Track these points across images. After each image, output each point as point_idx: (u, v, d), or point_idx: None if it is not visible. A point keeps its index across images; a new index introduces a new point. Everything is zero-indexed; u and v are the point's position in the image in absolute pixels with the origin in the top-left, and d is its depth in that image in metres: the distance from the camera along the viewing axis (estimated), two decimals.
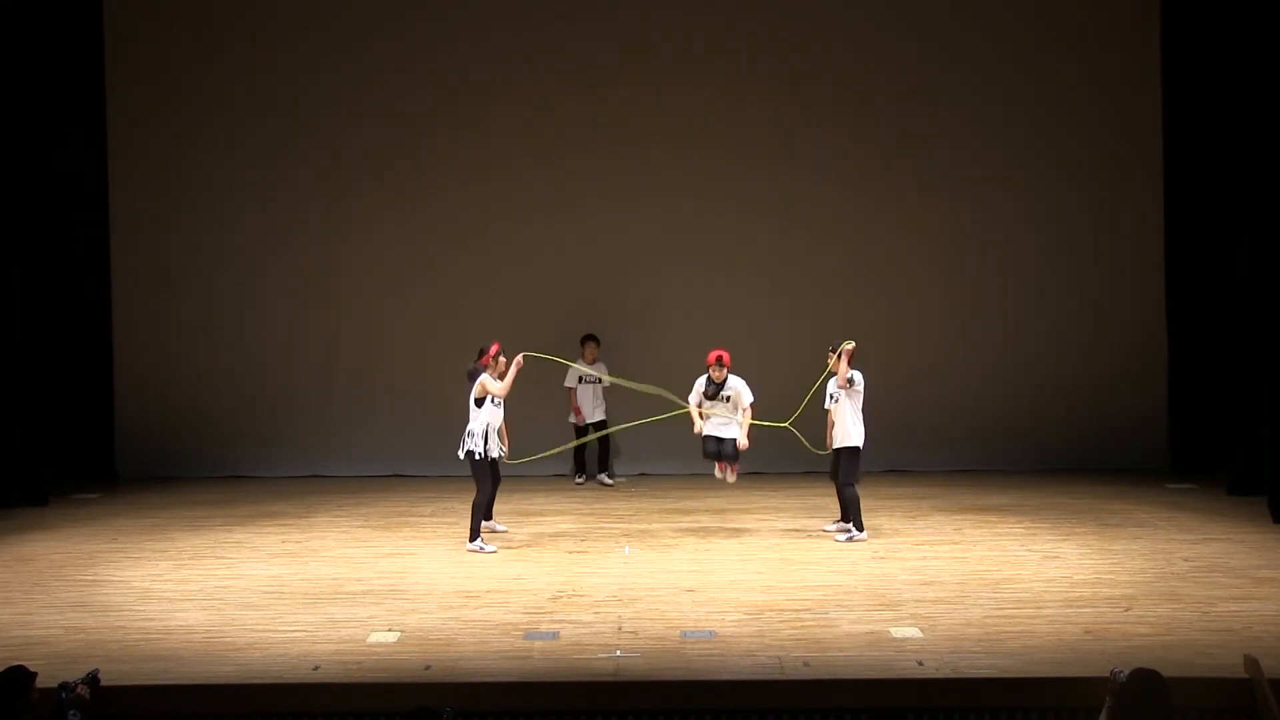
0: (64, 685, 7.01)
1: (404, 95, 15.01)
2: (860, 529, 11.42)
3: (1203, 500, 12.88)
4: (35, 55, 13.93)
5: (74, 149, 14.83)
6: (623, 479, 14.46)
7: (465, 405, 11.38)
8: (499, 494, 11.83)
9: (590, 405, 14.20)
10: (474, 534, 11.26)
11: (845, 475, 11.44)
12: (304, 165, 15.03)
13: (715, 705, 7.69)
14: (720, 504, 12.99)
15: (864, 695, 7.66)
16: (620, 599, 9.52)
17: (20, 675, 6.82)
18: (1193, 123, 14.44)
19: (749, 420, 11.73)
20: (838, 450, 11.51)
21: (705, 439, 11.84)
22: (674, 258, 14.98)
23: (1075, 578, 9.99)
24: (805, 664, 8.00)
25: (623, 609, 9.25)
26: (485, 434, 11.27)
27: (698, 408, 11.78)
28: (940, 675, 7.78)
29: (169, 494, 13.84)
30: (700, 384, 11.80)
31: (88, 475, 14.54)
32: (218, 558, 11.00)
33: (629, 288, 14.97)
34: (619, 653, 8.27)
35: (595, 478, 14.30)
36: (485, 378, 11.29)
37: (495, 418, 11.37)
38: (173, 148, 14.98)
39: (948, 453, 14.86)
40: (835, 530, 11.61)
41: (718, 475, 12.02)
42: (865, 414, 11.52)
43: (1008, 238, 15.00)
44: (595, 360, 14.02)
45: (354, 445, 15.00)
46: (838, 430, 11.52)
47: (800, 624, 8.83)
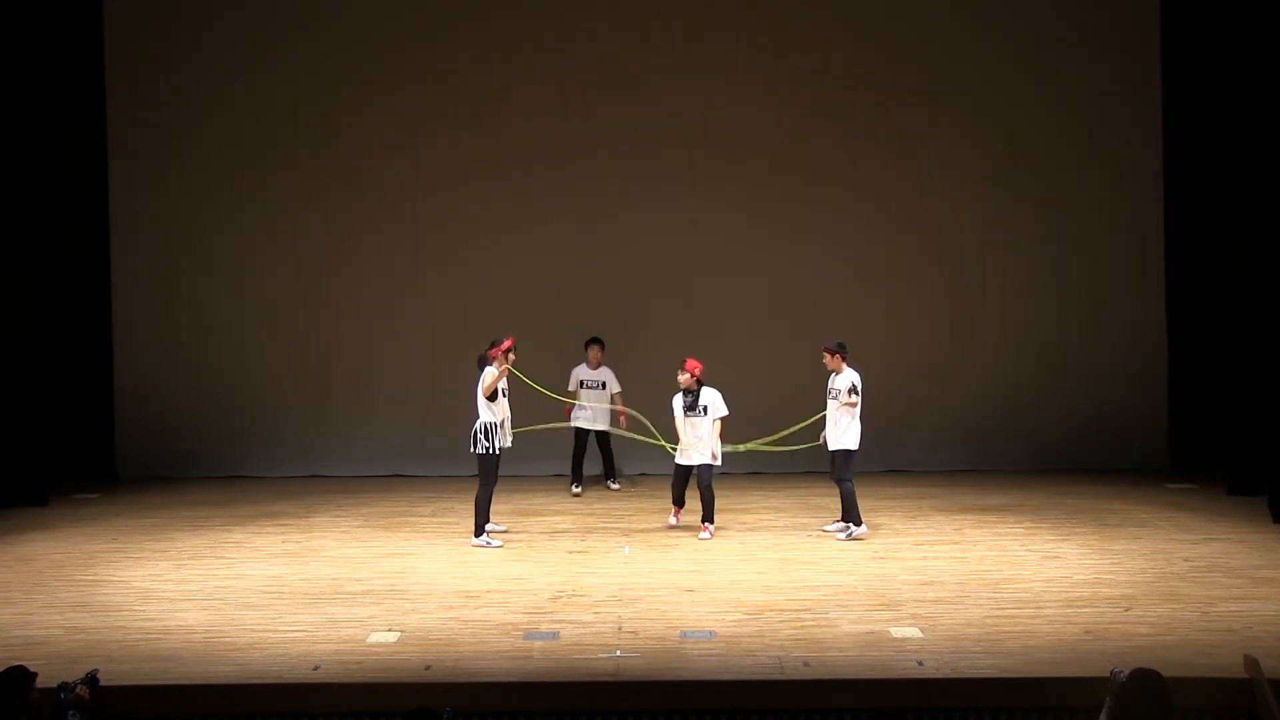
0: (63, 685, 7.01)
1: (404, 96, 15.00)
2: (858, 523, 11.43)
3: (1203, 500, 12.88)
4: (35, 55, 13.93)
5: (74, 149, 14.84)
6: (622, 478, 14.45)
7: (472, 398, 11.38)
8: (497, 494, 11.83)
9: (590, 412, 13.58)
10: (479, 529, 11.30)
11: (839, 472, 11.50)
12: (304, 166, 15.03)
13: (715, 705, 7.69)
14: (720, 504, 12.97)
15: (864, 695, 7.66)
16: (620, 599, 9.52)
17: (20, 675, 6.82)
18: (1193, 123, 14.44)
19: (718, 431, 11.69)
20: (833, 451, 11.53)
21: (676, 468, 11.81)
22: (675, 259, 14.97)
23: (1075, 578, 9.99)
24: (805, 664, 8.00)
25: (623, 609, 9.25)
26: (495, 429, 11.30)
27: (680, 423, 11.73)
28: (940, 675, 7.78)
29: (169, 494, 13.84)
30: (678, 402, 11.72)
31: (88, 475, 14.54)
32: (218, 558, 11.00)
33: (630, 289, 14.96)
34: (619, 653, 8.27)
35: (605, 484, 13.98)
36: (488, 371, 11.33)
37: (503, 410, 11.42)
38: (173, 148, 14.99)
39: (948, 453, 14.86)
40: (836, 530, 11.62)
41: (701, 536, 11.60)
42: (864, 414, 11.53)
43: (1008, 238, 15.00)
44: (600, 364, 13.69)
45: (354, 445, 15.00)
46: (831, 431, 11.55)
47: (800, 624, 8.83)
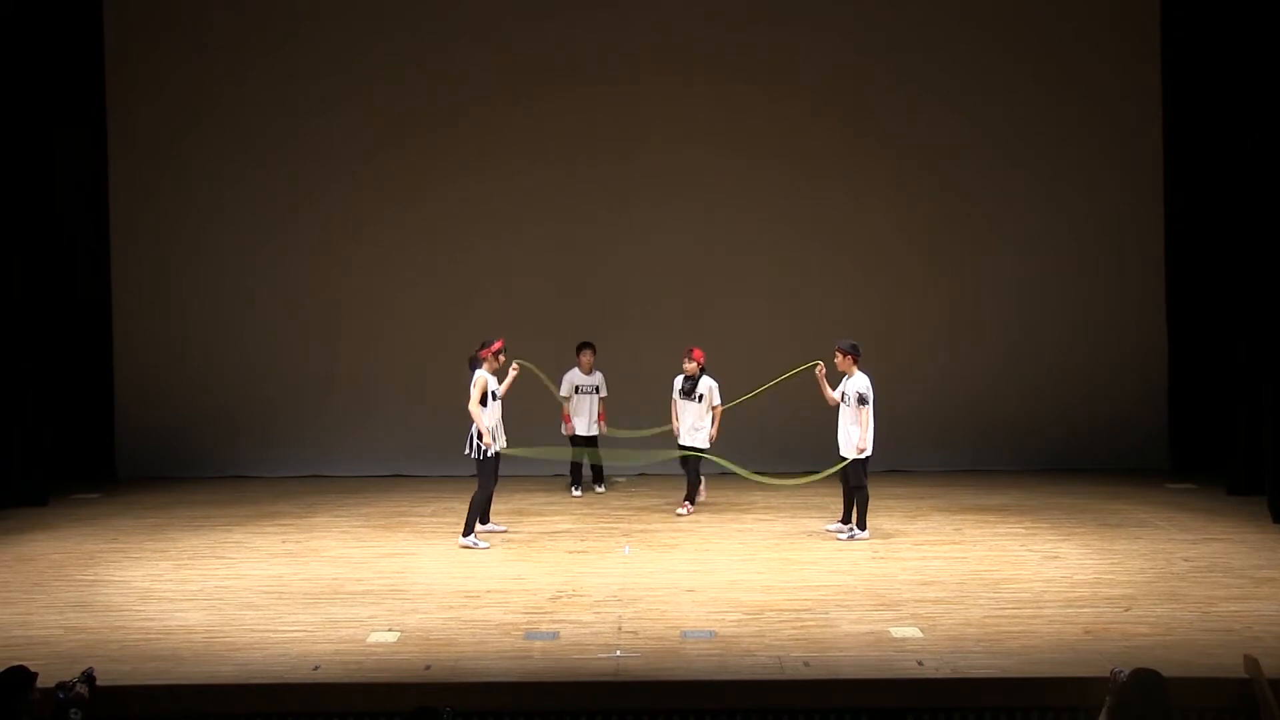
0: (62, 685, 7.00)
1: (405, 96, 15.00)
2: (863, 528, 11.45)
3: (1203, 500, 12.88)
4: (35, 55, 13.94)
5: (74, 150, 14.84)
6: (622, 479, 14.45)
7: (462, 396, 11.38)
8: (497, 494, 11.84)
9: (586, 417, 13.54)
10: (469, 529, 11.31)
11: (855, 479, 11.50)
12: (304, 166, 15.02)
13: (715, 705, 7.69)
14: (721, 504, 13.00)
15: (864, 695, 7.67)
16: (620, 599, 9.52)
17: (21, 675, 6.81)
18: (1193, 123, 14.44)
19: (717, 417, 12.65)
20: (845, 458, 11.56)
21: (681, 450, 12.61)
22: (675, 261, 14.97)
23: (1075, 578, 9.99)
24: (805, 664, 8.00)
25: (623, 609, 9.25)
26: (491, 432, 11.30)
27: (674, 405, 12.68)
28: (940, 675, 7.78)
29: (169, 494, 13.84)
30: (677, 381, 12.71)
31: (88, 475, 14.53)
32: (218, 558, 11.00)
33: (630, 291, 14.96)
34: (619, 653, 8.27)
35: (593, 488, 13.89)
36: (480, 375, 11.33)
37: (497, 414, 11.42)
38: (173, 148, 14.98)
39: (947, 453, 14.85)
40: (836, 530, 11.62)
41: (680, 512, 12.54)
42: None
43: (1008, 237, 14.99)
44: (592, 369, 13.62)
45: (354, 445, 15.00)
46: (842, 436, 11.58)
47: (800, 624, 8.83)
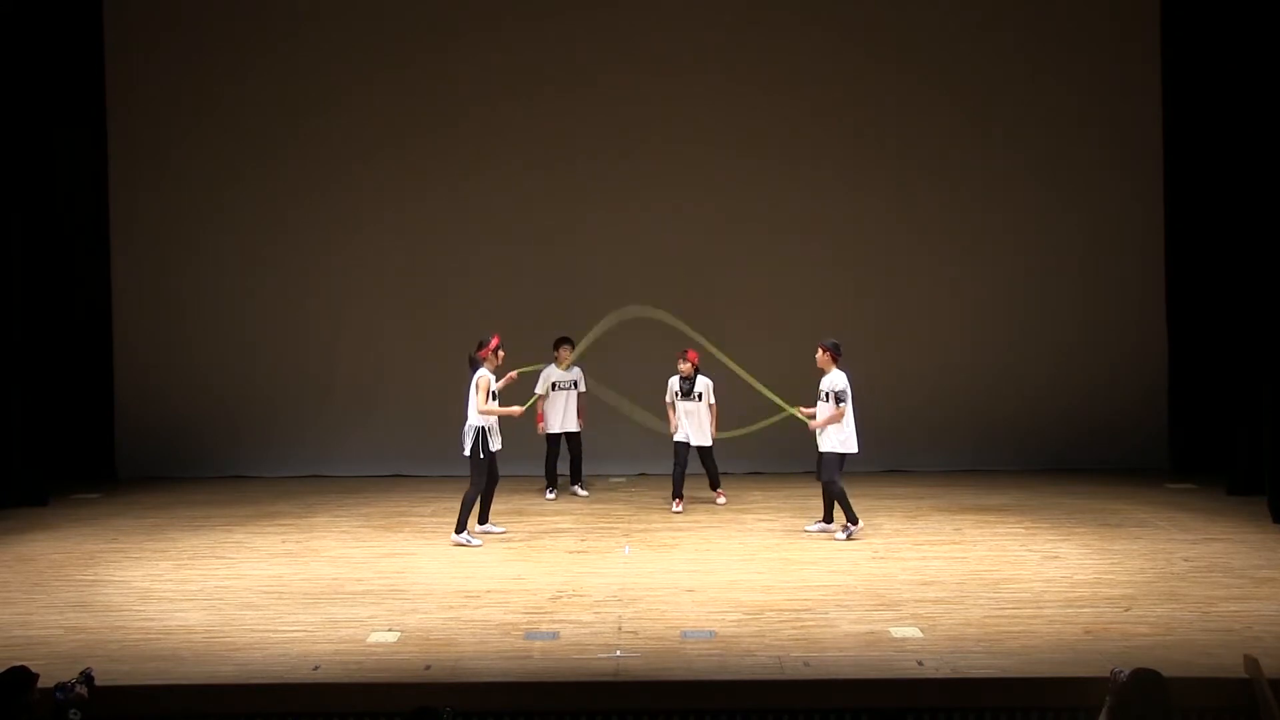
0: (61, 686, 7.00)
1: (405, 96, 15.01)
2: (854, 521, 11.42)
3: (1203, 500, 12.88)
4: (35, 55, 13.94)
5: (74, 149, 14.85)
6: (622, 479, 14.45)
7: (465, 396, 11.39)
8: (498, 494, 11.85)
9: (560, 414, 13.36)
10: (461, 526, 11.34)
11: (825, 474, 11.49)
12: (304, 166, 15.03)
13: (715, 705, 7.69)
14: (721, 504, 12.99)
15: (864, 695, 7.66)
16: (620, 599, 9.52)
17: (21, 676, 6.80)
18: (1193, 123, 14.44)
19: (714, 416, 12.87)
20: (821, 452, 11.54)
21: (677, 445, 12.79)
22: (675, 261, 14.97)
23: (1075, 578, 9.99)
24: (805, 664, 8.00)
25: (623, 609, 9.25)
26: (486, 430, 11.31)
27: (670, 407, 12.89)
28: (940, 675, 7.78)
29: (169, 494, 13.84)
30: (674, 383, 12.91)
31: (88, 475, 14.54)
32: (218, 558, 11.00)
33: (630, 291, 14.92)
34: (619, 653, 8.27)
35: (570, 489, 13.66)
36: (484, 375, 11.35)
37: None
38: (173, 148, 14.99)
39: (947, 453, 14.86)
40: (816, 530, 11.60)
41: (674, 509, 12.65)
42: (865, 414, 11.54)
43: (1008, 238, 15.00)
44: (569, 365, 13.40)
45: (354, 445, 15.00)
46: (821, 432, 11.54)
47: (800, 624, 8.83)
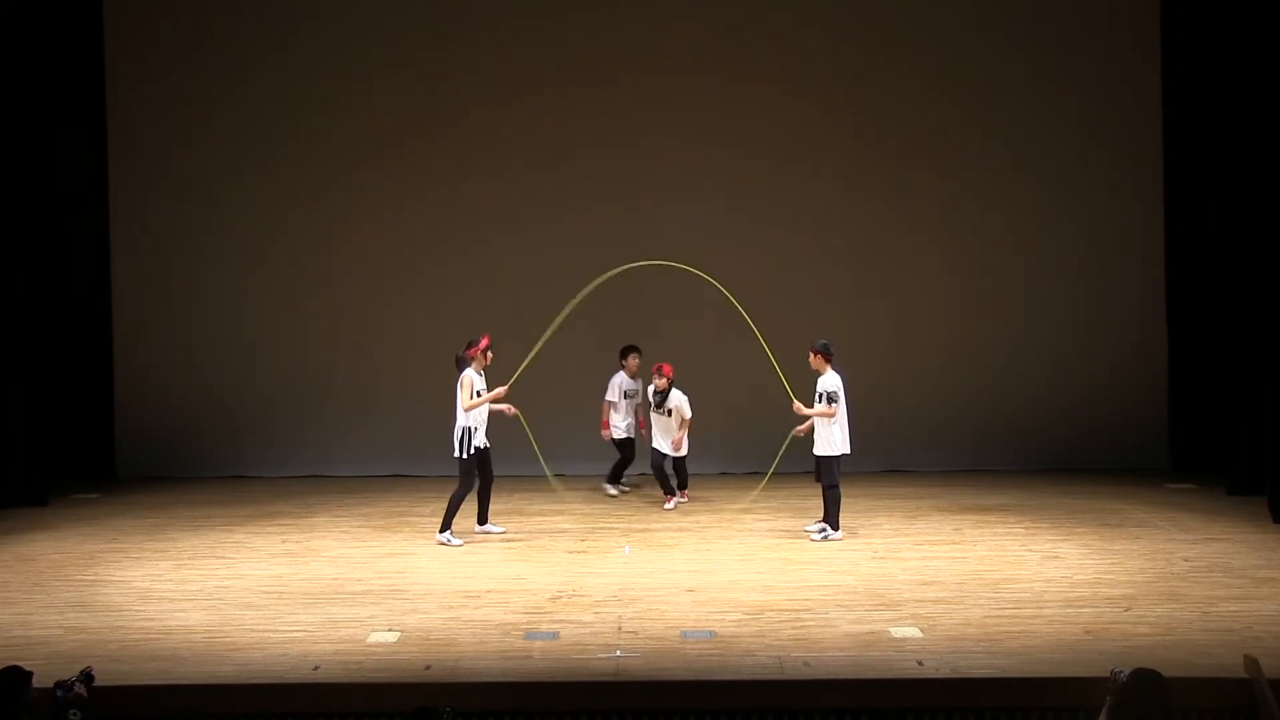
0: (60, 684, 6.99)
1: (405, 96, 15.00)
2: (835, 529, 11.44)
3: (1203, 500, 12.88)
4: (35, 56, 13.94)
5: (74, 149, 14.85)
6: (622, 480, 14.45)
7: (453, 396, 11.41)
8: (496, 494, 11.90)
9: (623, 419, 13.47)
10: (445, 525, 11.42)
11: (825, 477, 11.51)
12: (305, 166, 15.03)
13: (715, 705, 7.69)
14: (721, 504, 13.00)
15: (864, 695, 7.66)
16: (620, 599, 9.52)
17: (16, 676, 6.79)
18: (1193, 122, 14.43)
19: (687, 428, 12.95)
20: (816, 456, 11.57)
21: (652, 452, 13.05)
22: (676, 259, 14.93)
23: (1075, 578, 9.99)
24: (805, 664, 8.00)
25: (623, 609, 9.25)
26: (471, 430, 11.42)
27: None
28: (940, 675, 7.78)
29: (169, 494, 13.84)
30: (649, 392, 13.08)
31: (88, 475, 14.53)
32: (218, 558, 11.00)
33: (630, 292, 14.92)
34: (619, 653, 8.27)
35: (602, 485, 13.72)
36: (468, 374, 11.41)
37: (482, 415, 11.53)
38: (173, 148, 14.99)
39: (947, 453, 14.85)
40: (815, 530, 11.61)
41: (667, 507, 12.85)
42: (864, 414, 11.56)
43: (1008, 237, 14.99)
44: (637, 373, 13.45)
45: (354, 445, 15.00)
46: (816, 435, 11.56)
47: (800, 624, 8.83)
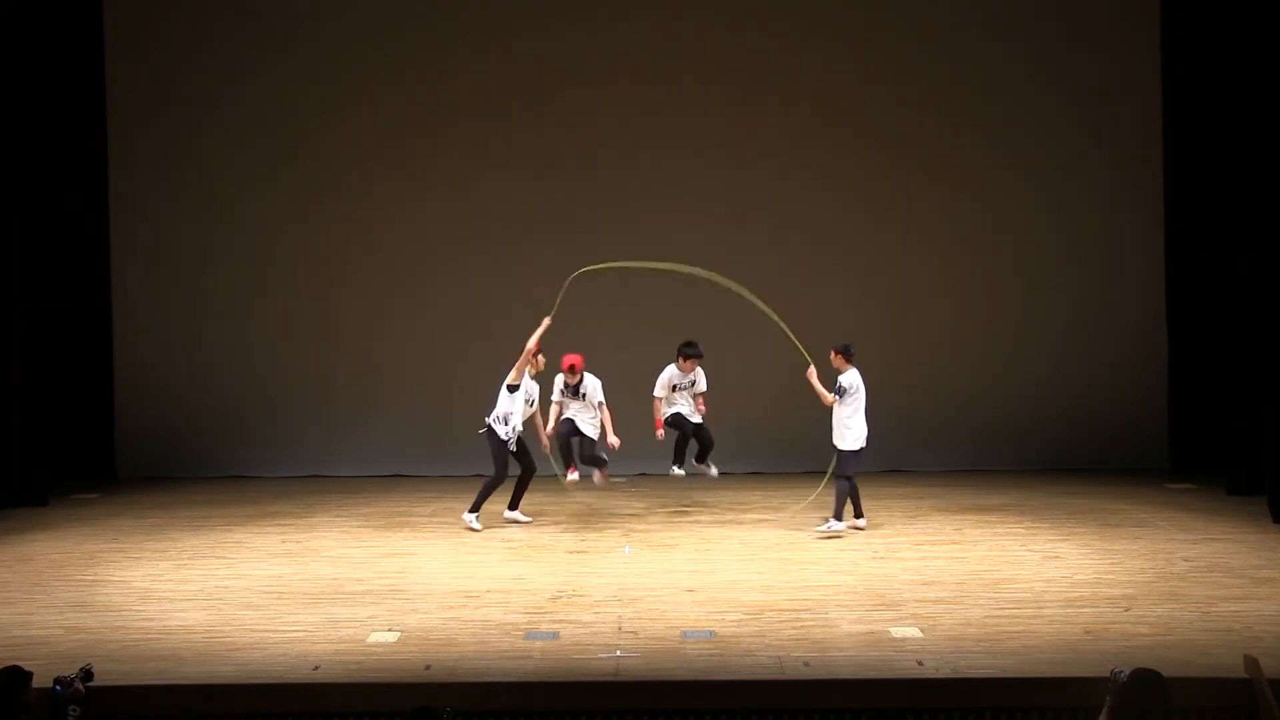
0: (59, 680, 6.99)
1: (407, 96, 15.00)
2: (839, 519, 11.47)
3: (1203, 500, 12.88)
4: (35, 56, 13.93)
5: (74, 149, 14.84)
6: (622, 479, 14.44)
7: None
8: (495, 493, 11.98)
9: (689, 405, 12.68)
10: (476, 507, 11.74)
11: (839, 469, 11.58)
12: (305, 166, 15.03)
13: (715, 705, 7.68)
14: (721, 504, 13.00)
15: (864, 695, 7.66)
16: (620, 599, 9.51)
17: (16, 675, 6.79)
18: (1193, 123, 14.44)
19: (608, 417, 12.47)
20: (838, 450, 11.61)
21: (563, 421, 12.49)
22: (674, 261, 14.94)
23: (1075, 578, 9.99)
24: (805, 664, 7.99)
25: (623, 609, 9.25)
26: (505, 418, 11.73)
27: (558, 404, 12.50)
28: (940, 675, 7.77)
29: (169, 494, 13.84)
30: (557, 382, 12.50)
31: (88, 475, 14.54)
32: (218, 558, 11.00)
33: (629, 294, 14.95)
34: (619, 653, 8.27)
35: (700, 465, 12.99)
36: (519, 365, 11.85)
37: (516, 406, 11.81)
38: (173, 148, 14.99)
39: (947, 453, 14.86)
40: (846, 528, 11.62)
41: (596, 481, 12.54)
42: (864, 413, 11.58)
43: (1008, 238, 15.00)
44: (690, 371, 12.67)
45: (354, 445, 15.00)
46: (834, 428, 11.60)
47: (800, 624, 8.83)
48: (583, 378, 12.42)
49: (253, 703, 7.66)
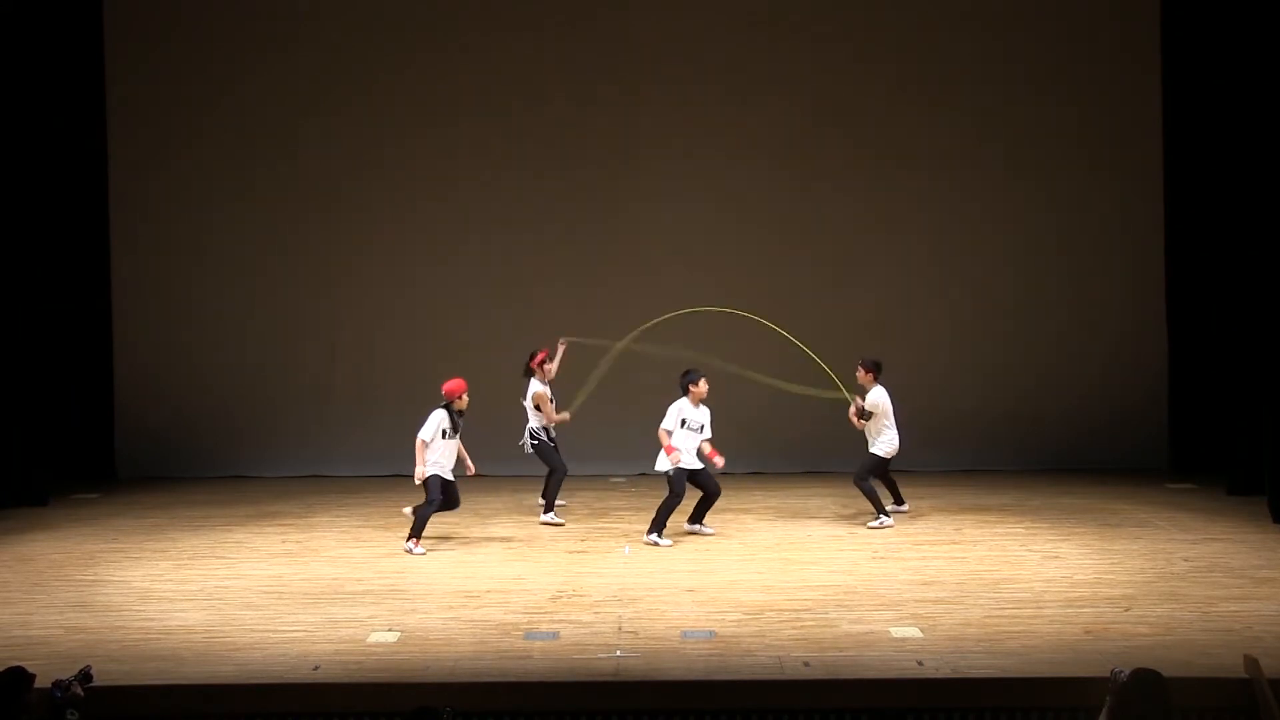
0: (58, 684, 6.99)
1: (406, 97, 15.02)
2: (883, 513, 11.90)
3: (1203, 500, 12.89)
4: (35, 55, 13.93)
5: (74, 149, 14.85)
6: (622, 479, 14.45)
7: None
8: (498, 492, 12.11)
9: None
10: (547, 506, 12.13)
11: (858, 471, 12.10)
12: (306, 166, 15.04)
13: (715, 705, 7.69)
14: (720, 504, 12.97)
15: (864, 695, 7.66)
16: (620, 599, 9.52)
17: (18, 676, 6.79)
18: (1193, 122, 14.44)
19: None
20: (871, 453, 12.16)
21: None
22: (674, 266, 14.97)
23: (1075, 578, 9.99)
24: (805, 664, 8.00)
25: (623, 609, 9.25)
26: (540, 431, 12.20)
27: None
28: (940, 675, 7.78)
29: (169, 494, 13.85)
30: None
31: (88, 475, 14.54)
32: (218, 558, 11.00)
33: (629, 295, 14.94)
34: (619, 653, 8.27)
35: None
36: (535, 387, 12.21)
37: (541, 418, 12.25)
38: (173, 148, 15.00)
39: (947, 453, 14.85)
40: (878, 525, 11.88)
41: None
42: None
43: (1008, 237, 15.01)
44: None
45: (354, 445, 15.00)
46: (867, 436, 12.15)
47: (800, 624, 8.83)
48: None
49: (253, 703, 7.66)
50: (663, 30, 15.00)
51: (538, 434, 12.32)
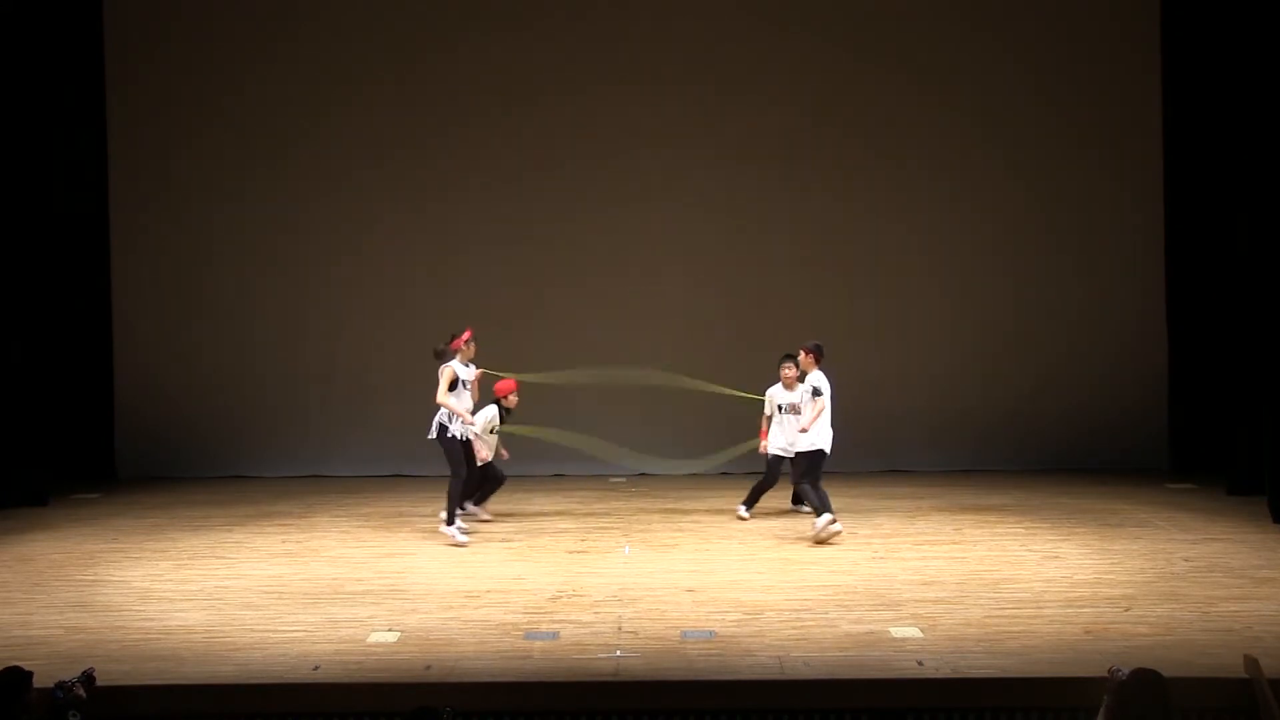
0: (60, 685, 6.99)
1: (406, 97, 15.02)
2: (824, 512, 11.23)
3: (1203, 500, 12.88)
4: (35, 55, 13.93)
5: (74, 149, 14.86)
6: (622, 479, 14.45)
7: (433, 387, 11.44)
8: (498, 491, 12.04)
9: (781, 436, 12.26)
10: (450, 519, 11.48)
11: (794, 473, 11.72)
12: (306, 167, 15.04)
13: (715, 705, 7.69)
14: (720, 504, 12.99)
15: (864, 695, 7.66)
16: (620, 599, 9.51)
17: (17, 676, 6.79)
18: (1193, 121, 14.45)
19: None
20: (797, 452, 11.69)
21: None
22: (674, 265, 14.98)
23: (1075, 578, 9.99)
24: (805, 664, 8.00)
25: (623, 609, 9.25)
26: (466, 414, 11.53)
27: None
28: (940, 675, 7.77)
29: (169, 494, 13.85)
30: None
31: (88, 475, 14.55)
32: (218, 558, 11.00)
33: (628, 296, 14.97)
34: (619, 653, 8.27)
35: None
36: (453, 366, 11.47)
37: (467, 401, 11.62)
38: (173, 148, 15.00)
39: (947, 453, 14.86)
40: (827, 522, 11.49)
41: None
42: (862, 414, 11.62)
43: (1007, 237, 15.01)
44: (792, 384, 12.09)
45: (354, 445, 15.01)
46: (795, 436, 11.72)
47: (800, 624, 8.82)
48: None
49: (253, 703, 7.66)
50: (663, 30, 14.99)
51: (446, 422, 11.42)
